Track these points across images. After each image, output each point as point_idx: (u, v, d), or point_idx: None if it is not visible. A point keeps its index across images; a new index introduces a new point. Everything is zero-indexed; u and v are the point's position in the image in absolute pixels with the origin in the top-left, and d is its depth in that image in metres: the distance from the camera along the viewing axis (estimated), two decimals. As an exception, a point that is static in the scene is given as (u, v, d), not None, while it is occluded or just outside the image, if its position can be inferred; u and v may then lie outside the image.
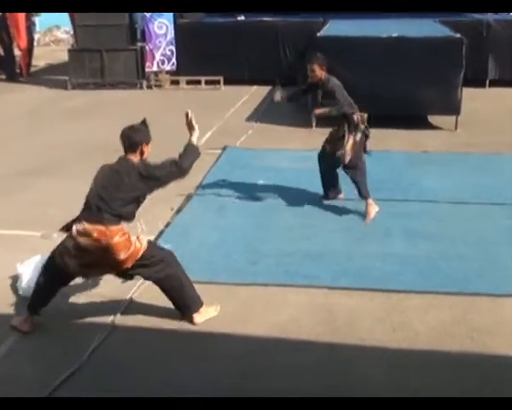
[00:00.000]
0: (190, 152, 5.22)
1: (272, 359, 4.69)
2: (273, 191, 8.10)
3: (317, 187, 7.98)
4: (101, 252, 4.77)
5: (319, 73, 7.19)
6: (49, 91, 15.34)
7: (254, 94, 14.49)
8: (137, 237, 4.91)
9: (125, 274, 5.04)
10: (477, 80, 14.04)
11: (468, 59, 11.27)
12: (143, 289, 5.49)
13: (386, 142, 10.32)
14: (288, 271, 6.01)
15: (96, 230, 4.75)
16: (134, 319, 5.24)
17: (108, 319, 5.22)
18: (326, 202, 7.69)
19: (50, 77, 17.10)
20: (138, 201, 4.94)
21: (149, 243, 5.02)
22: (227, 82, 15.13)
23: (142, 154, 4.96)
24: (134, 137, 4.93)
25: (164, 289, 5.09)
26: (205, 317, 5.16)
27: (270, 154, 9.62)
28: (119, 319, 5.23)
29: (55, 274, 4.98)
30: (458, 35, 11.09)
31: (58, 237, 6.62)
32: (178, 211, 7.43)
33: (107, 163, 5.07)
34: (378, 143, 10.16)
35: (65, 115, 12.70)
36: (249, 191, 8.12)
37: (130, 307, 5.40)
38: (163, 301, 5.18)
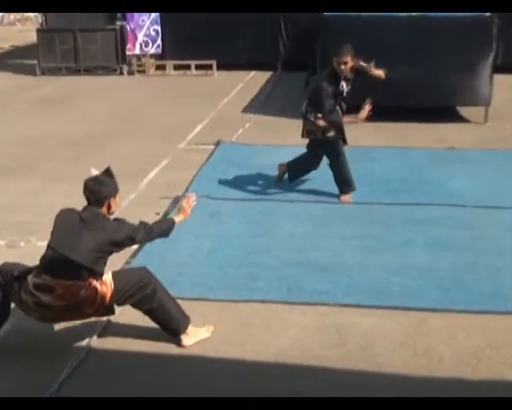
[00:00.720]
0: (166, 226, 5.24)
1: (272, 387, 4.65)
2: (274, 193, 8.08)
3: (325, 188, 7.97)
4: (65, 310, 4.79)
5: (350, 64, 7.50)
6: (15, 78, 15.32)
7: (252, 81, 14.49)
8: (101, 279, 4.88)
9: (101, 315, 5.07)
10: (510, 66, 14.04)
11: (500, 41, 11.28)
12: (123, 308, 5.44)
13: (406, 137, 10.32)
14: (292, 286, 5.98)
15: (60, 285, 4.73)
16: (112, 342, 5.19)
17: (83, 342, 5.17)
18: (335, 206, 7.68)
19: (16, 61, 17.09)
20: (107, 256, 4.95)
21: (115, 276, 4.99)
22: (221, 67, 15.13)
23: (109, 208, 4.98)
24: (101, 192, 4.92)
25: (143, 312, 5.10)
26: (194, 339, 5.13)
27: (270, 150, 9.59)
28: (95, 343, 5.18)
29: (3, 302, 4.99)
30: (488, 13, 11.08)
31: (25, 246, 6.64)
32: (165, 216, 7.39)
33: (68, 208, 5.05)
34: (396, 139, 10.21)
35: (34, 106, 12.67)
36: (247, 193, 8.10)
37: (108, 328, 5.35)
38: (145, 321, 5.15)
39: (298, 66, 13.95)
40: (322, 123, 7.63)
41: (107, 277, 4.91)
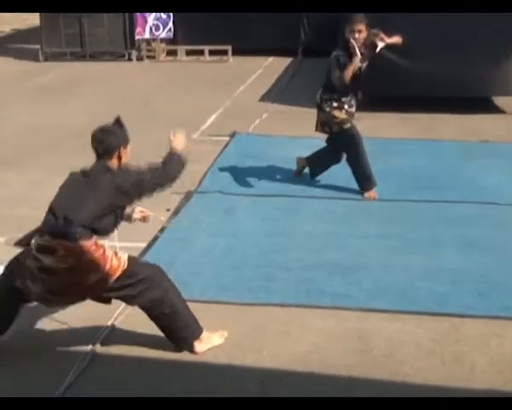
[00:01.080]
0: (176, 159, 5.25)
1: (290, 396, 4.65)
2: (293, 189, 8.08)
3: (348, 183, 7.96)
4: (68, 274, 4.78)
5: (364, 33, 7.50)
6: (16, 64, 15.40)
7: (270, 67, 14.49)
8: (115, 253, 4.90)
9: (100, 298, 5.04)
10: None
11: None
12: (128, 313, 5.47)
13: (436, 129, 10.30)
14: (312, 288, 5.99)
15: (61, 246, 4.75)
16: (117, 348, 5.21)
17: (87, 347, 5.19)
18: (359, 203, 7.68)
19: (18, 46, 17.19)
20: (116, 212, 4.95)
21: (131, 259, 5.00)
22: (236, 52, 15.14)
23: (119, 159, 5.00)
24: (108, 142, 4.94)
25: (151, 317, 5.07)
26: (207, 345, 5.14)
27: (289, 142, 9.61)
28: (100, 348, 5.19)
29: (10, 297, 4.99)
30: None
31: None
32: (176, 212, 7.42)
33: (77, 170, 5.09)
34: (424, 131, 10.19)
35: (36, 94, 12.74)
36: (263, 189, 8.10)
37: (113, 333, 5.37)
38: (153, 326, 5.15)
39: (320, 52, 13.91)
40: (338, 113, 7.64)
41: (123, 255, 4.91)
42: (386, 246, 6.75)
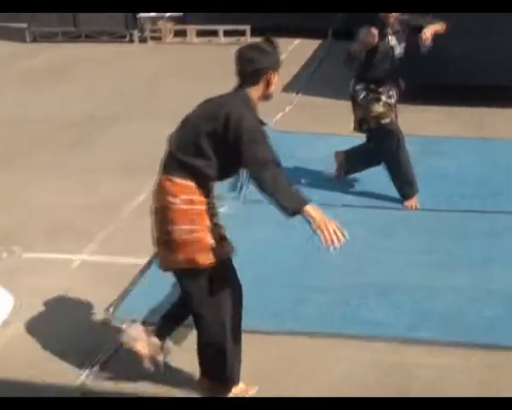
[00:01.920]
0: (295, 197, 4.78)
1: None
2: (323, 196, 8.05)
3: (386, 190, 7.95)
4: (159, 213, 4.72)
5: None
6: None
7: (295, 51, 14.46)
8: (223, 237, 4.78)
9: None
10: None
11: None
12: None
13: (487, 125, 10.24)
14: (346, 314, 6.01)
15: (165, 182, 4.67)
16: (108, 385, 5.23)
17: (76, 380, 5.24)
18: (398, 213, 7.69)
19: (1, 24, 17.22)
20: (222, 161, 4.77)
21: (229, 263, 4.90)
22: (256, 33, 15.12)
23: (268, 85, 4.83)
24: (258, 62, 4.73)
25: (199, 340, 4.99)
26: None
27: (316, 140, 9.61)
28: (90, 382, 5.25)
29: None
30: None
31: (8, 258, 6.66)
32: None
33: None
34: (474, 127, 10.13)
35: (23, 80, 12.78)
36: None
37: (106, 365, 5.42)
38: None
39: (354, 33, 13.86)
40: (375, 107, 7.62)
41: (227, 246, 4.81)
42: (430, 263, 6.76)
